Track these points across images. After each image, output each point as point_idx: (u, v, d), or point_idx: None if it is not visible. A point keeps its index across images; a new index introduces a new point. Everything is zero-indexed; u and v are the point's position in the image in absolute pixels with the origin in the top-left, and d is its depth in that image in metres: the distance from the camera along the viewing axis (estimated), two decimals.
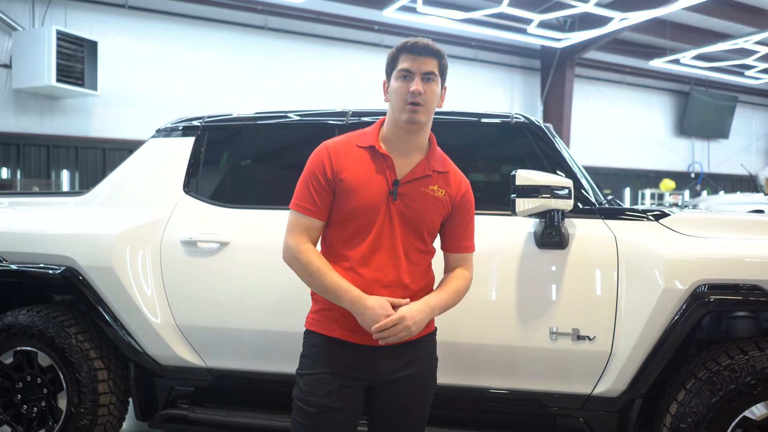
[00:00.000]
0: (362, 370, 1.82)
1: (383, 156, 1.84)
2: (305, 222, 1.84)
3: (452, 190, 1.90)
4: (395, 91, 1.81)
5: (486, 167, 2.88)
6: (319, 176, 1.82)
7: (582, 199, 2.50)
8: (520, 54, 13.57)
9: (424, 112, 1.80)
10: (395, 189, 1.82)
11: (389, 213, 1.82)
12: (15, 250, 2.92)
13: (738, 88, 16.55)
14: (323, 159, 1.84)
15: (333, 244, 1.86)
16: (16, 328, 2.83)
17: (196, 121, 3.01)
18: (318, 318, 1.88)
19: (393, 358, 1.83)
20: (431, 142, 1.92)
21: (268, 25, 10.90)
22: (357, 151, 1.85)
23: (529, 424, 2.50)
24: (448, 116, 2.78)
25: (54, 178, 9.44)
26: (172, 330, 2.74)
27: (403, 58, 1.81)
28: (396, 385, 1.84)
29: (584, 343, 2.35)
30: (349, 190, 1.81)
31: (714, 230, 2.39)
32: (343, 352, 1.82)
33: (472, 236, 1.97)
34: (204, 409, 2.75)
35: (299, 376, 1.87)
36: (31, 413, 2.83)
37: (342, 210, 1.83)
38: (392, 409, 1.87)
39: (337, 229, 1.86)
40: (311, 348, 1.87)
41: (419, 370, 1.88)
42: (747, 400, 2.15)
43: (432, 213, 1.86)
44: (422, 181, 1.85)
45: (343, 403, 1.80)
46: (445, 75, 1.88)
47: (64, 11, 9.24)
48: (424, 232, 1.86)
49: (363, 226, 1.81)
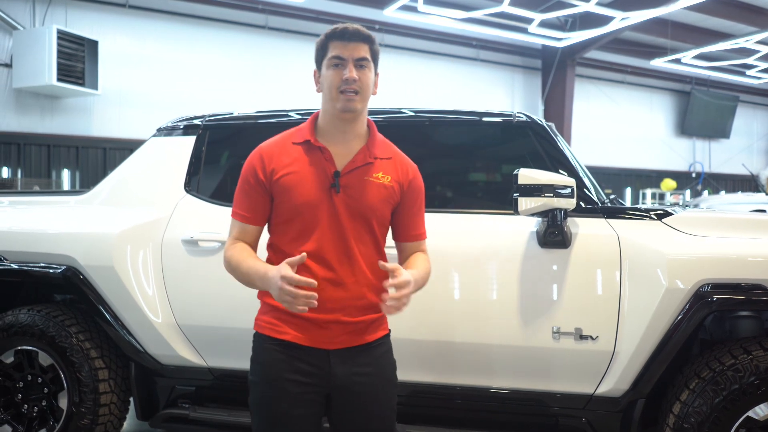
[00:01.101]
0: (317, 376, 1.73)
1: (320, 149, 1.76)
2: (240, 227, 1.80)
3: (399, 176, 1.81)
4: (327, 80, 1.73)
5: (488, 166, 2.87)
6: (251, 180, 1.77)
7: (584, 198, 2.50)
8: (521, 53, 13.56)
9: (360, 99, 1.72)
10: (336, 181, 1.73)
11: (333, 206, 1.73)
12: (16, 249, 2.91)
13: (739, 88, 16.54)
14: (254, 163, 1.78)
15: (280, 248, 1.77)
16: (17, 328, 2.83)
17: (197, 120, 3.00)
18: (267, 320, 1.78)
19: (347, 361, 1.75)
20: (371, 129, 1.83)
21: (269, 25, 10.90)
22: (292, 149, 1.78)
23: (531, 424, 2.49)
24: (450, 115, 2.77)
25: (55, 178, 9.44)
26: (173, 329, 2.73)
27: (334, 46, 1.72)
28: (356, 390, 1.75)
29: (587, 343, 2.34)
30: (287, 189, 1.73)
31: (717, 230, 2.38)
32: (295, 357, 1.73)
33: (423, 223, 1.90)
34: (205, 408, 2.74)
35: (253, 384, 1.78)
36: (31, 413, 2.83)
37: (283, 210, 1.75)
38: (356, 417, 1.77)
39: (280, 231, 1.78)
40: (261, 353, 1.77)
41: (377, 373, 1.78)
42: (750, 400, 2.14)
43: (378, 201, 1.77)
44: (364, 169, 1.76)
45: (300, 410, 1.72)
46: (377, 61, 1.79)
47: (64, 10, 9.23)
48: (373, 222, 1.77)
49: (307, 224, 1.73)
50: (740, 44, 11.86)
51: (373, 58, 1.76)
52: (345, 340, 1.75)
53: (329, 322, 1.73)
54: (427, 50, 12.44)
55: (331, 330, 1.73)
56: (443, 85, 12.51)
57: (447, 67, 12.67)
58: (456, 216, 2.59)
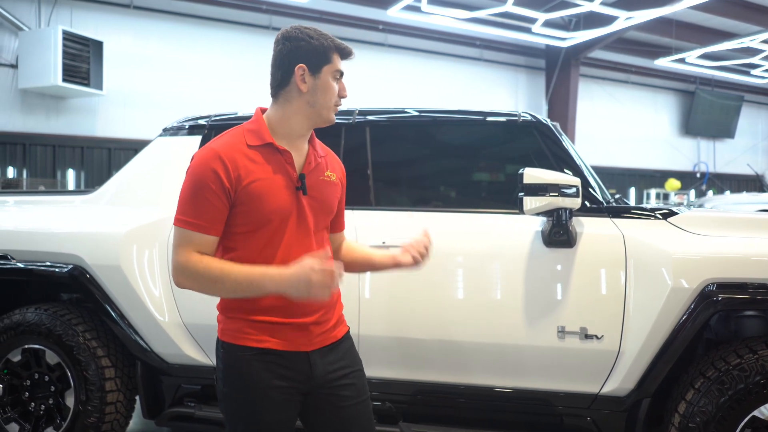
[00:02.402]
0: (298, 380, 1.69)
1: (281, 152, 1.69)
2: (196, 239, 1.60)
3: (338, 173, 1.86)
4: (329, 89, 1.74)
5: (493, 166, 2.88)
6: (212, 186, 1.59)
7: (589, 197, 2.50)
8: (525, 53, 13.54)
9: None
10: (303, 183, 1.70)
11: (301, 210, 1.70)
12: (22, 248, 2.92)
13: (744, 88, 16.49)
14: (215, 167, 1.59)
15: (243, 259, 1.64)
16: (24, 326, 2.84)
17: (203, 120, 3.01)
18: (237, 328, 1.68)
19: (325, 357, 1.73)
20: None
21: (272, 25, 10.91)
22: (250, 152, 1.65)
23: (536, 423, 2.49)
24: (455, 115, 2.78)
25: (60, 178, 9.47)
26: (179, 328, 2.74)
27: (337, 59, 1.76)
28: (339, 390, 1.74)
29: (592, 342, 2.35)
30: (256, 197, 1.62)
31: (722, 229, 2.38)
32: (275, 362, 1.66)
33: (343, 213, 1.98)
34: (211, 407, 2.75)
35: (226, 396, 1.69)
36: (38, 411, 2.84)
37: (250, 219, 1.63)
38: (339, 413, 1.75)
39: (245, 241, 1.65)
40: (235, 363, 1.67)
41: (354, 368, 1.80)
42: (756, 399, 2.14)
43: (334, 199, 1.82)
44: (318, 169, 1.77)
45: (283, 415, 1.69)
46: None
47: (69, 11, 9.26)
48: (329, 221, 1.82)
49: (276, 231, 1.65)
50: (745, 44, 11.82)
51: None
52: (321, 340, 1.73)
53: (309, 324, 1.71)
54: (430, 50, 12.42)
55: (311, 331, 1.71)
56: (447, 85, 12.50)
57: (451, 67, 12.66)
58: (461, 215, 2.60)
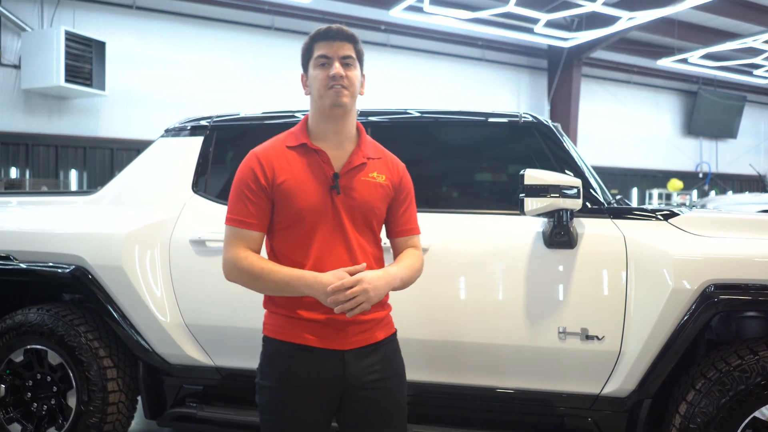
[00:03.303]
0: (331, 377, 1.74)
1: (316, 151, 1.77)
2: (243, 235, 1.75)
3: (391, 175, 1.86)
4: (315, 79, 1.75)
5: (494, 167, 2.88)
6: (252, 185, 1.74)
7: (591, 198, 2.50)
8: (527, 54, 13.53)
9: (349, 95, 1.74)
10: (336, 182, 1.75)
11: (335, 208, 1.75)
12: (25, 249, 2.93)
13: (746, 88, 16.45)
14: (254, 167, 1.75)
15: (283, 254, 1.76)
16: (26, 327, 2.85)
17: (205, 121, 3.02)
18: (279, 323, 1.77)
19: (361, 359, 1.76)
20: (360, 131, 1.86)
21: (275, 26, 10.92)
22: (288, 153, 1.78)
23: (537, 424, 2.50)
24: (456, 116, 2.78)
25: (62, 178, 9.49)
26: (180, 329, 2.75)
27: (319, 46, 1.75)
28: (369, 388, 1.76)
29: (593, 343, 2.35)
30: (289, 194, 1.73)
31: (723, 230, 2.38)
32: (311, 359, 1.73)
33: (416, 219, 1.93)
34: (212, 407, 2.76)
35: (264, 389, 1.77)
36: (41, 411, 2.85)
37: (285, 216, 1.75)
38: (369, 416, 1.77)
39: (283, 237, 1.77)
40: (273, 358, 1.77)
41: (390, 373, 1.80)
42: (757, 400, 2.14)
43: (377, 200, 1.80)
44: (360, 169, 1.79)
45: (316, 413, 1.74)
46: (363, 61, 1.82)
47: (72, 12, 9.28)
48: (373, 222, 1.81)
49: (311, 228, 1.74)
50: (747, 44, 11.79)
51: (358, 57, 1.79)
52: (358, 340, 1.76)
53: (346, 323, 1.74)
54: (432, 50, 12.42)
55: (347, 331, 1.75)
56: (449, 85, 12.50)
57: (453, 68, 12.65)
58: (462, 216, 2.60)
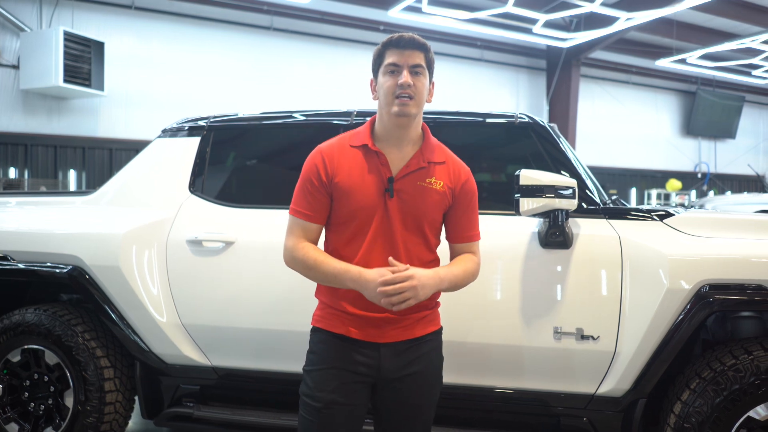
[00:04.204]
0: (367, 367, 1.83)
1: (376, 153, 1.83)
2: (303, 225, 1.86)
3: (451, 181, 1.87)
4: (384, 86, 1.80)
5: (491, 167, 2.89)
6: (313, 180, 1.83)
7: (586, 198, 2.51)
8: (526, 54, 13.55)
9: (414, 104, 1.78)
10: (390, 186, 1.81)
11: (387, 211, 1.81)
12: (22, 249, 2.94)
13: (745, 88, 16.47)
14: (317, 163, 1.84)
15: (335, 247, 1.87)
16: (24, 327, 2.86)
17: (202, 122, 3.03)
18: (323, 315, 1.89)
19: (398, 355, 1.84)
20: (425, 133, 1.89)
21: (273, 26, 10.93)
22: (350, 151, 1.85)
23: (533, 423, 2.50)
24: (453, 116, 2.79)
25: (61, 178, 9.50)
26: (177, 329, 2.75)
27: (390, 53, 1.79)
28: (402, 384, 1.84)
29: (588, 343, 2.35)
30: (345, 192, 1.81)
31: (719, 230, 2.39)
32: (349, 348, 1.83)
33: (476, 225, 1.95)
34: (209, 407, 2.76)
35: (306, 372, 1.89)
36: (38, 411, 2.86)
37: (340, 213, 1.84)
38: (398, 408, 1.87)
39: (337, 231, 1.87)
40: (317, 344, 1.89)
41: (425, 368, 1.87)
42: (751, 400, 2.15)
43: (430, 206, 1.84)
44: (417, 174, 1.83)
45: (348, 399, 1.81)
46: (432, 69, 1.85)
47: (71, 12, 9.29)
48: (425, 227, 1.84)
49: (362, 227, 1.82)
50: (746, 44, 11.80)
51: (428, 65, 1.83)
52: (395, 335, 1.84)
53: (380, 320, 1.82)
54: None
55: (382, 327, 1.83)
56: (448, 85, 12.47)
57: (451, 68, 12.66)
58: None
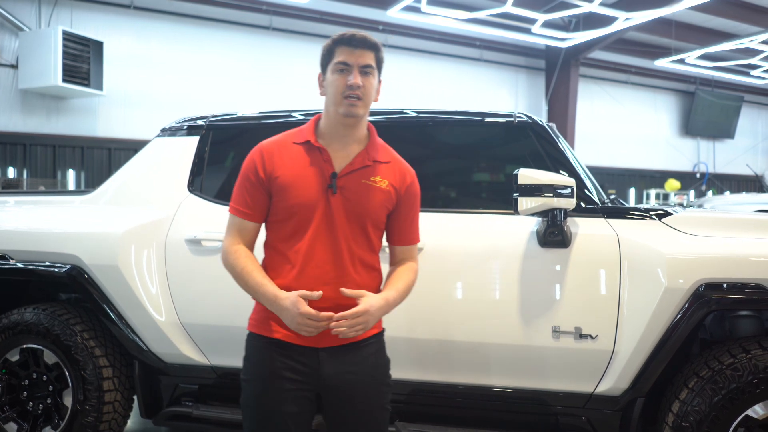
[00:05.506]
0: (306, 373, 1.76)
1: (319, 149, 1.79)
2: (239, 224, 1.83)
3: (396, 181, 1.84)
4: (332, 84, 1.77)
5: (489, 166, 2.89)
6: (251, 177, 1.81)
7: (584, 198, 2.51)
8: (525, 54, 13.56)
9: (363, 105, 1.76)
10: (333, 182, 1.76)
11: (329, 208, 1.76)
12: (21, 248, 2.94)
13: (744, 88, 16.50)
14: (255, 159, 1.82)
15: (274, 245, 1.82)
16: (22, 326, 2.86)
17: (201, 121, 3.03)
18: (258, 318, 1.83)
19: (337, 358, 1.77)
20: (371, 133, 1.87)
21: (272, 26, 10.93)
22: (292, 148, 1.82)
23: (531, 422, 2.50)
24: (452, 116, 2.79)
25: (60, 178, 9.49)
26: (176, 328, 2.75)
27: (340, 51, 1.76)
28: (346, 390, 1.78)
29: (586, 342, 2.36)
30: (284, 188, 1.77)
31: (717, 229, 2.39)
32: (285, 355, 1.77)
33: (417, 228, 1.94)
34: (208, 406, 2.76)
35: (244, 382, 1.82)
36: (37, 410, 2.86)
37: (279, 209, 1.79)
38: (348, 415, 1.80)
39: (276, 229, 1.82)
40: (253, 351, 1.83)
41: (368, 372, 1.81)
42: (749, 399, 2.15)
43: (375, 205, 1.80)
44: (362, 172, 1.80)
45: (291, 407, 1.75)
46: (381, 68, 1.83)
47: (70, 12, 9.28)
48: (368, 225, 1.80)
49: (302, 224, 1.77)
50: (745, 44, 11.83)
51: (377, 65, 1.80)
52: (334, 339, 1.75)
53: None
54: (430, 51, 12.44)
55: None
56: (446, 85, 12.52)
57: (450, 68, 12.68)
58: (456, 216, 2.61)
